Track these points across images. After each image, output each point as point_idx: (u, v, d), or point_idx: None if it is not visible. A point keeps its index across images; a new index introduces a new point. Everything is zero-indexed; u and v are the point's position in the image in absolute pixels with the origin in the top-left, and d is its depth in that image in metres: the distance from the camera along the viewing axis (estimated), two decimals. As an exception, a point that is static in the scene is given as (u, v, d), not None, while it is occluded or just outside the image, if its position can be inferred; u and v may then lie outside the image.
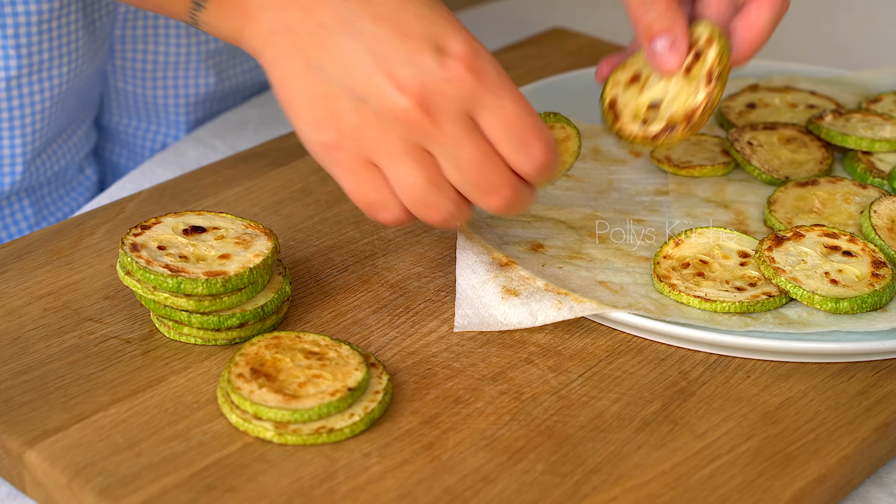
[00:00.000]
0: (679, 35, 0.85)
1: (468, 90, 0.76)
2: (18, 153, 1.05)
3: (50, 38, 1.03)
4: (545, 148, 0.78)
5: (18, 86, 1.03)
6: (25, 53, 1.01)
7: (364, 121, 0.76)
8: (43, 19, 1.01)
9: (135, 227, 0.81)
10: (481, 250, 0.85)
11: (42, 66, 1.03)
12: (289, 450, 0.73)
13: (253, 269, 0.79)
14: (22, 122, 1.04)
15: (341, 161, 0.78)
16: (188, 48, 1.14)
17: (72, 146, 1.12)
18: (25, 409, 0.75)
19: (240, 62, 1.18)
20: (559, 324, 0.83)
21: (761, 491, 0.71)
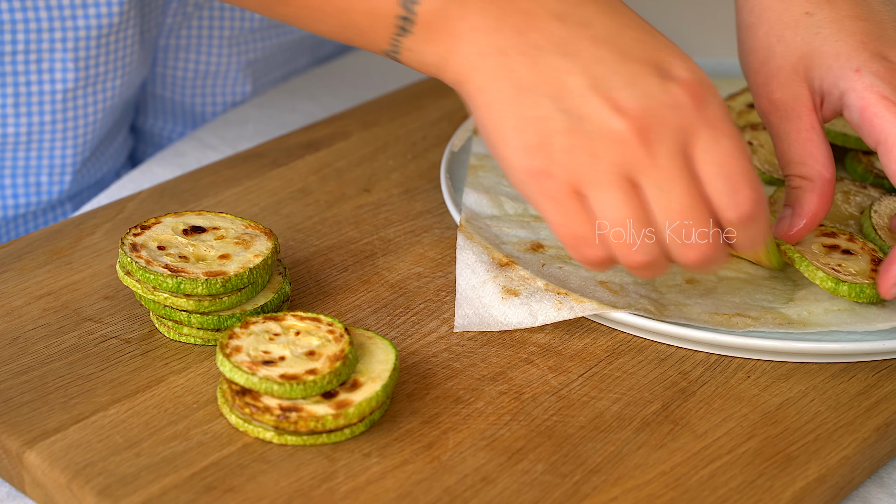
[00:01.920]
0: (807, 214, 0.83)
1: (689, 119, 0.72)
2: (69, 162, 1.07)
3: (107, 52, 1.04)
4: (754, 197, 0.74)
5: (74, 97, 1.04)
6: (83, 66, 1.03)
7: (576, 144, 0.72)
8: (102, 34, 1.02)
9: (134, 227, 0.81)
10: (481, 250, 0.85)
11: (98, 78, 1.05)
12: (288, 450, 0.73)
13: (253, 270, 0.79)
14: (75, 133, 1.06)
15: (549, 190, 0.73)
16: (229, 58, 1.15)
17: (113, 153, 1.14)
18: (25, 409, 0.75)
19: (274, 69, 1.20)
20: (559, 324, 0.83)
21: (761, 491, 0.71)
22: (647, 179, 0.72)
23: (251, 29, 1.15)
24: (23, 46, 1.01)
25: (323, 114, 1.15)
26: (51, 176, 1.07)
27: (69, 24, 1.01)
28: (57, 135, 1.05)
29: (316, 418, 0.72)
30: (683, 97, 0.72)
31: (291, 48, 1.20)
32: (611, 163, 0.72)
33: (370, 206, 0.95)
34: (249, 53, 1.16)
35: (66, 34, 1.01)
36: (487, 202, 0.92)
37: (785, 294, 0.84)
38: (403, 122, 1.06)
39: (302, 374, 0.72)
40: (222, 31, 1.14)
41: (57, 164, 1.07)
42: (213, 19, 1.13)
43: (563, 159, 0.72)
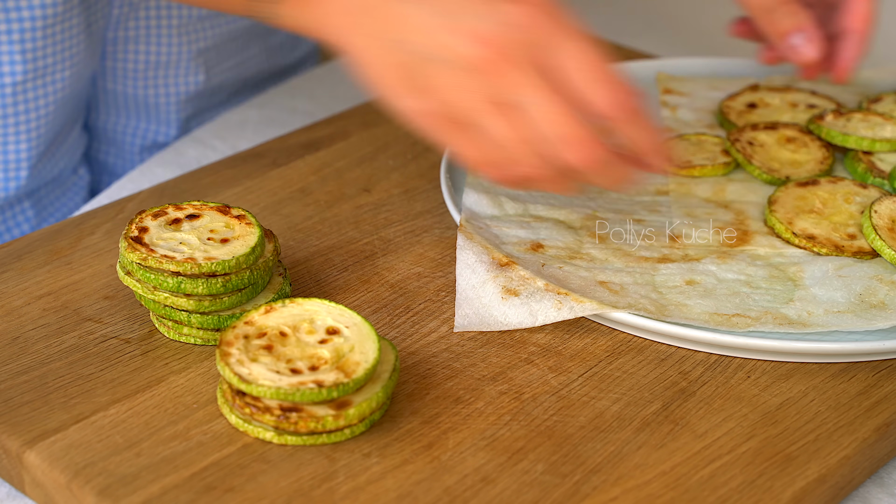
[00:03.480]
0: (810, 29, 0.95)
1: (543, 34, 0.75)
2: (24, 157, 1.06)
3: (54, 43, 1.03)
4: (624, 87, 0.76)
5: (24, 90, 1.03)
6: (31, 58, 1.02)
7: (446, 81, 0.76)
8: (47, 24, 1.02)
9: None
10: (481, 250, 0.85)
11: (46, 70, 1.04)
12: (288, 450, 0.73)
13: (253, 269, 0.79)
14: (28, 127, 1.05)
15: (437, 126, 0.78)
16: (179, 47, 1.15)
17: (68, 148, 1.13)
18: (25, 409, 0.75)
19: (226, 58, 1.19)
20: (559, 324, 0.83)
21: (761, 491, 0.71)
22: (518, 98, 0.75)
23: (199, 17, 1.15)
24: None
25: (323, 114, 1.15)
26: (6, 172, 1.07)
27: (13, 15, 1.00)
28: (9, 129, 1.05)
29: (316, 419, 0.72)
30: (533, 15, 0.75)
31: (242, 36, 1.20)
32: (480, 91, 0.75)
33: (370, 206, 0.95)
34: (200, 42, 1.16)
35: (12, 26, 1.01)
36: (487, 202, 0.92)
37: (785, 294, 0.84)
38: (403, 122, 1.06)
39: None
40: (170, 21, 1.14)
41: (11, 160, 1.06)
42: (161, 8, 1.13)
43: (440, 97, 0.76)
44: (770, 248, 0.88)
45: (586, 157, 0.76)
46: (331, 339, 0.75)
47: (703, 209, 0.93)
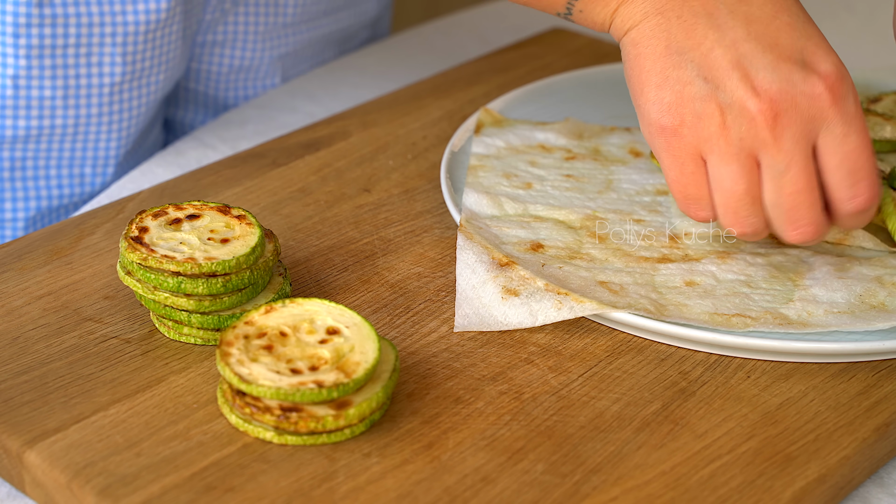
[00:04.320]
0: None
1: (822, 111, 0.76)
2: (112, 155, 1.10)
3: (153, 48, 1.07)
4: (871, 192, 0.78)
5: (120, 91, 1.07)
6: (130, 61, 1.06)
7: (709, 112, 0.77)
8: (150, 29, 1.05)
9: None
10: (481, 250, 0.85)
11: (143, 73, 1.08)
12: (288, 450, 0.73)
13: (253, 269, 0.79)
14: (119, 126, 1.09)
15: (674, 148, 0.79)
16: (262, 52, 1.18)
17: (149, 146, 1.16)
18: (25, 409, 0.75)
19: (302, 62, 1.23)
20: (559, 324, 0.83)
21: (761, 491, 0.71)
22: (767, 159, 0.77)
23: (284, 24, 1.18)
24: (74, 40, 1.03)
25: (323, 114, 1.15)
26: (94, 168, 1.10)
27: (119, 19, 1.04)
28: (103, 127, 1.08)
29: (316, 419, 0.72)
30: (821, 89, 0.76)
31: (320, 42, 1.23)
32: (737, 137, 0.77)
33: (370, 206, 0.95)
34: (281, 48, 1.20)
35: (116, 29, 1.04)
36: (487, 202, 0.92)
37: (785, 294, 0.84)
38: (403, 122, 1.06)
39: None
40: (257, 27, 1.17)
41: (101, 157, 1.09)
42: (249, 15, 1.16)
43: (693, 123, 0.77)
44: (769, 247, 0.88)
45: (802, 239, 0.79)
46: (331, 339, 0.75)
47: (702, 209, 0.93)
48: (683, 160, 0.79)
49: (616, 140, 1.02)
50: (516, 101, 1.06)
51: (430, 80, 1.13)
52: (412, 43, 1.31)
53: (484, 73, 1.15)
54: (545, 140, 1.01)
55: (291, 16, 1.18)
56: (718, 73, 0.77)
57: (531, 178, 0.96)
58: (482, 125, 1.02)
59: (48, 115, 1.05)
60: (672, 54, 0.78)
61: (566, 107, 1.07)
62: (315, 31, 1.22)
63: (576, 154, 1.00)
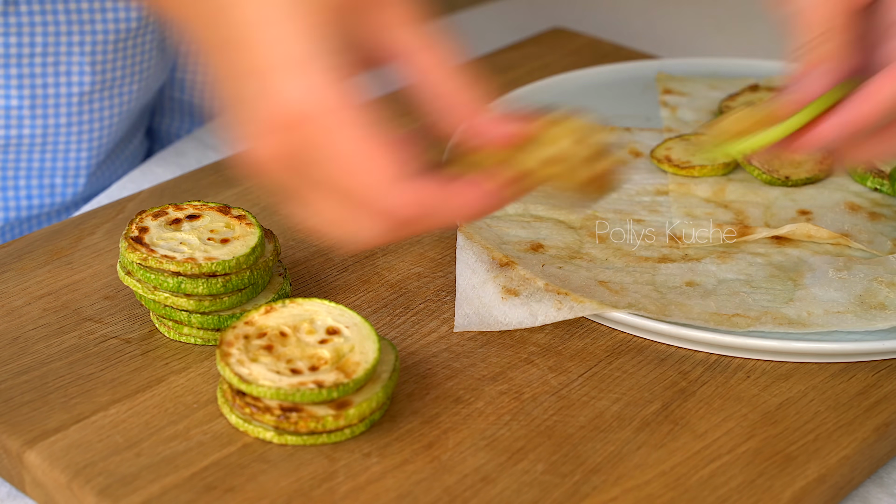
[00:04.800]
0: None
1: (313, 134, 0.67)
2: (83, 165, 1.08)
3: (124, 57, 1.05)
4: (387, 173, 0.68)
5: (90, 101, 1.05)
6: (100, 70, 1.04)
7: None
8: (120, 38, 1.04)
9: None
10: (481, 250, 0.85)
11: (114, 83, 1.06)
12: (289, 450, 0.73)
13: (253, 269, 0.79)
14: (90, 137, 1.07)
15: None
16: None
17: (128, 156, 1.14)
18: (25, 409, 0.75)
19: None
20: (559, 324, 0.83)
21: (761, 491, 0.71)
22: None
23: None
24: (41, 49, 1.02)
25: (323, 114, 1.14)
26: (65, 178, 1.08)
27: (87, 27, 1.02)
28: (72, 137, 1.06)
29: (316, 419, 0.72)
30: None
31: None
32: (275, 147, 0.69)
33: (370, 206, 0.94)
34: None
35: (84, 38, 1.02)
36: (487, 202, 0.91)
37: (785, 294, 0.84)
38: (403, 122, 1.06)
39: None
40: None
41: (71, 167, 1.08)
42: None
43: None
44: (769, 247, 0.88)
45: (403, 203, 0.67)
46: (331, 339, 0.75)
47: (702, 209, 0.93)
48: None
49: (616, 140, 1.02)
50: (516, 101, 1.06)
51: (430, 80, 1.13)
52: (412, 43, 1.31)
53: (484, 73, 1.15)
54: (545, 140, 1.01)
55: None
56: None
57: (531, 178, 0.96)
58: (482, 125, 1.02)
59: (15, 125, 1.03)
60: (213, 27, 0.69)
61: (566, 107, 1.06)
62: None
63: (576, 154, 1.00)
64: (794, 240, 0.89)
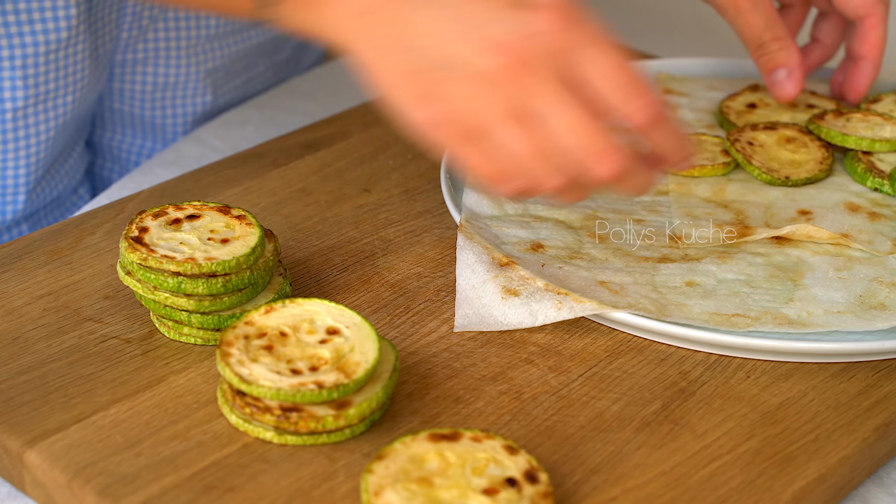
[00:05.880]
0: (795, 67, 0.98)
1: (566, 40, 0.72)
2: (22, 182, 1.05)
3: (56, 69, 1.02)
4: (651, 98, 0.73)
5: (24, 116, 1.02)
6: (32, 84, 1.01)
7: (461, 90, 0.73)
8: (51, 49, 1.01)
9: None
10: (481, 250, 0.85)
11: (48, 95, 1.03)
12: (289, 450, 0.73)
13: (253, 269, 0.79)
14: (27, 153, 1.04)
15: (452, 136, 0.74)
16: (188, 68, 1.14)
17: (68, 170, 1.12)
18: (25, 409, 0.75)
19: (233, 77, 1.19)
20: (559, 324, 0.83)
21: (761, 491, 0.71)
22: (538, 108, 0.72)
23: (208, 37, 1.14)
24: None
25: (323, 114, 1.15)
26: (3, 197, 1.05)
27: (16, 41, 0.99)
28: (8, 154, 1.03)
29: (316, 419, 0.72)
30: (554, 20, 0.72)
31: (249, 54, 1.19)
32: (497, 101, 0.72)
33: (370, 206, 0.95)
34: (208, 63, 1.15)
35: (14, 52, 0.99)
36: (487, 202, 0.92)
37: (785, 294, 0.84)
38: (403, 122, 1.06)
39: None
40: (179, 42, 1.12)
41: (9, 185, 1.05)
42: (170, 30, 1.12)
43: (452, 106, 0.73)
44: (769, 247, 0.88)
45: (612, 169, 0.73)
46: (331, 339, 0.75)
47: (702, 209, 0.93)
48: (462, 144, 0.74)
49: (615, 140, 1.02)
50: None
51: (430, 80, 1.13)
52: (412, 43, 1.31)
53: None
54: (545, 140, 1.01)
55: (215, 27, 1.13)
56: (451, 48, 0.72)
57: (531, 178, 0.96)
58: (482, 125, 1.02)
59: None
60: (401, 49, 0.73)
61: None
62: (243, 44, 1.17)
63: (576, 154, 1.00)
64: (794, 240, 0.89)
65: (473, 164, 0.75)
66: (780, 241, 0.89)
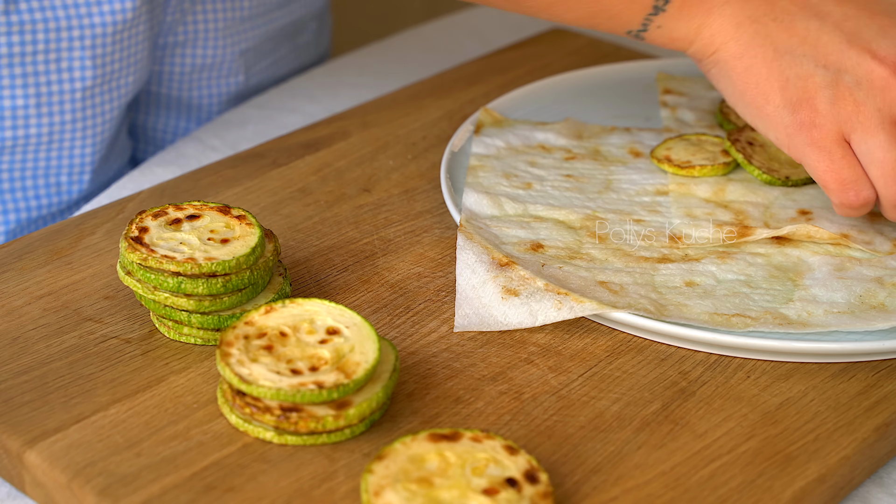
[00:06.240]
0: None
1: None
2: (88, 161, 1.09)
3: (121, 49, 1.06)
4: None
5: (92, 95, 1.06)
6: (100, 64, 1.05)
7: (839, 95, 0.80)
8: (117, 30, 1.05)
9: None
10: (481, 250, 0.85)
11: (113, 76, 1.07)
12: (289, 450, 0.73)
13: (253, 269, 0.79)
14: (94, 132, 1.08)
15: (817, 140, 0.81)
16: (224, 49, 1.18)
17: (119, 152, 1.15)
18: (25, 409, 0.75)
19: (263, 58, 1.22)
20: (559, 324, 0.83)
21: (761, 491, 0.71)
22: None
23: (242, 18, 1.17)
24: (43, 46, 1.02)
25: (323, 114, 1.15)
26: (70, 176, 1.09)
27: (86, 21, 1.03)
28: (77, 133, 1.07)
29: (316, 419, 0.72)
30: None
31: (276, 36, 1.23)
32: (874, 108, 0.80)
33: (370, 206, 0.95)
34: (242, 43, 1.18)
35: (84, 32, 1.03)
36: (487, 202, 0.92)
37: (785, 294, 0.84)
38: (403, 122, 1.06)
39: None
40: (217, 24, 1.16)
41: (76, 164, 1.08)
42: (208, 13, 1.15)
43: (828, 110, 0.80)
44: (769, 247, 0.88)
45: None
46: (331, 339, 0.75)
47: (702, 209, 0.93)
48: (830, 148, 0.81)
49: (616, 140, 1.02)
50: (516, 101, 1.06)
51: (429, 80, 1.13)
52: (412, 43, 1.31)
53: (484, 73, 1.15)
54: (545, 140, 1.01)
55: (248, 9, 1.18)
56: (834, 56, 0.80)
57: (531, 178, 0.96)
58: (482, 125, 1.02)
59: (22, 125, 1.04)
60: (783, 55, 0.81)
61: (566, 107, 1.07)
62: (271, 25, 1.21)
63: (576, 154, 1.00)
64: (794, 240, 0.89)
65: (826, 170, 0.82)
66: (780, 241, 0.89)
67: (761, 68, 0.82)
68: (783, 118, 0.82)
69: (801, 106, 0.81)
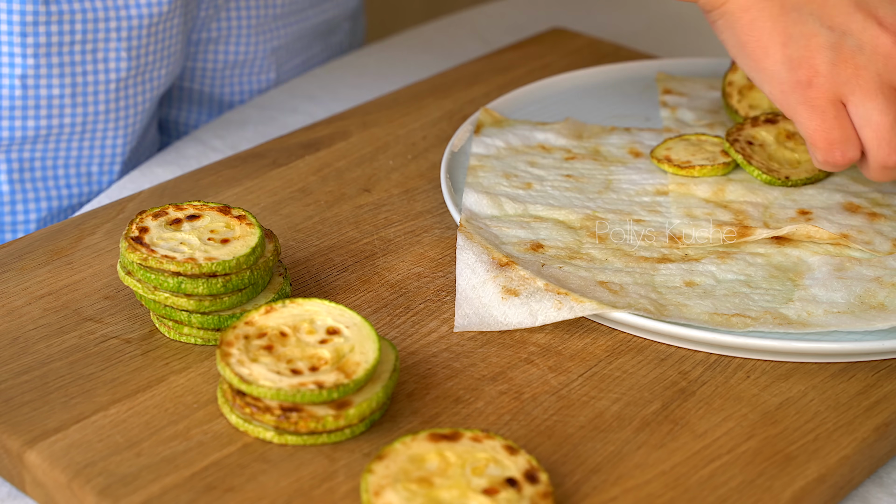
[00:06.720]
0: None
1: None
2: (119, 153, 1.10)
3: (156, 41, 1.07)
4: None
5: (125, 87, 1.07)
6: (135, 56, 1.06)
7: (841, 58, 0.81)
8: (153, 22, 1.06)
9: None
10: (481, 250, 0.85)
11: (146, 68, 1.08)
12: (289, 450, 0.73)
13: (253, 269, 0.79)
14: (125, 123, 1.09)
15: (812, 99, 0.82)
16: (256, 46, 1.19)
17: (148, 145, 1.16)
18: (25, 409, 0.75)
19: (294, 56, 1.23)
20: (559, 324, 0.83)
21: (761, 491, 0.71)
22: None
23: (274, 16, 1.18)
24: (80, 37, 1.03)
25: (323, 114, 1.15)
26: (101, 166, 1.09)
27: (123, 13, 1.04)
28: (109, 125, 1.08)
29: (316, 419, 0.72)
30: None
31: (307, 34, 1.24)
32: (875, 72, 0.81)
33: (370, 206, 0.95)
34: (273, 41, 1.20)
35: (121, 23, 1.04)
36: (487, 202, 0.92)
37: (785, 294, 0.84)
38: (403, 122, 1.06)
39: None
40: (250, 21, 1.17)
41: (108, 154, 1.09)
42: (241, 10, 1.16)
43: (827, 71, 0.81)
44: (769, 247, 0.88)
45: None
46: (331, 339, 0.75)
47: (702, 209, 0.93)
48: (824, 108, 0.82)
49: (616, 140, 1.02)
50: (516, 101, 1.06)
51: (429, 80, 1.13)
52: (412, 43, 1.31)
53: (484, 73, 1.15)
54: (545, 140, 1.01)
55: (280, 7, 1.19)
56: (841, 18, 0.81)
57: (531, 178, 0.96)
58: (482, 125, 1.02)
59: (56, 115, 1.05)
60: (789, 12, 0.82)
61: (566, 107, 1.07)
62: (303, 23, 1.22)
63: (575, 154, 1.00)
64: (794, 240, 0.89)
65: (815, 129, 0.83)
66: (780, 241, 0.89)
67: (766, 22, 0.83)
68: (780, 74, 0.83)
69: (801, 64, 0.82)
